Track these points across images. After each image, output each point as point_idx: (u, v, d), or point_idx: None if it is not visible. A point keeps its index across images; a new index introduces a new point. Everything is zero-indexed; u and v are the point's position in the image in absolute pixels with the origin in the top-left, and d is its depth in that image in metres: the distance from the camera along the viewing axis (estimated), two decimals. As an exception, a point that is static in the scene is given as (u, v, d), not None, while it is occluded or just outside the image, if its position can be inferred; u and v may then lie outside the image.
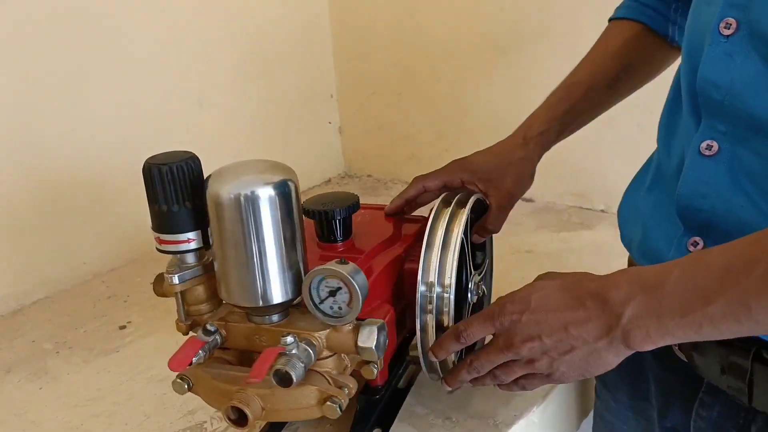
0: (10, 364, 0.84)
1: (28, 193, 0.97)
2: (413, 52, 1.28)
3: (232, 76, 1.22)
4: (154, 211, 0.53)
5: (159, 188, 0.52)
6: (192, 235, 0.54)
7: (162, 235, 0.54)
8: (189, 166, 0.52)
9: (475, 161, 0.72)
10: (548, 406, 0.70)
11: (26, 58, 0.94)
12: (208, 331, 0.55)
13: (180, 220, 0.53)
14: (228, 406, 0.53)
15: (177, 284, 0.54)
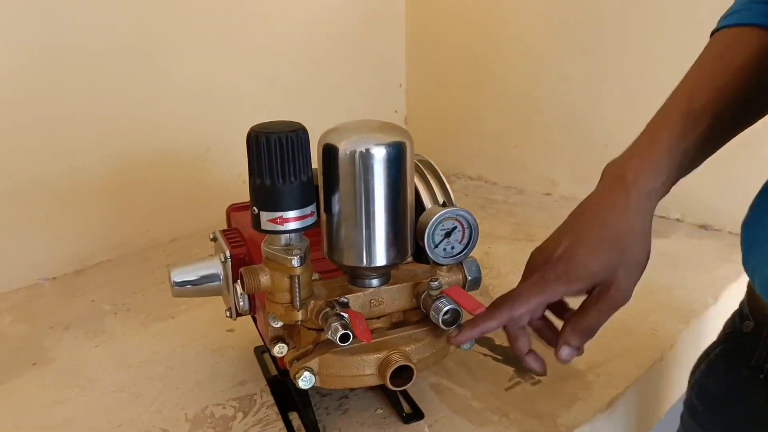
0: (68, 321, 0.85)
1: (101, 160, 0.98)
2: (487, 42, 1.25)
3: (304, 57, 1.21)
4: (275, 187, 0.48)
5: (298, 159, 0.47)
6: (314, 207, 0.51)
7: (285, 212, 0.48)
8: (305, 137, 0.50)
9: (582, 261, 0.53)
10: (612, 414, 0.66)
11: (110, 32, 0.95)
12: (344, 303, 0.53)
13: (306, 192, 0.49)
14: (391, 370, 0.51)
15: (298, 267, 0.49)
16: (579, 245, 0.54)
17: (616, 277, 0.53)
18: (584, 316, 0.55)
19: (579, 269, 0.53)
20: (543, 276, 0.55)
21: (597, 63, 1.12)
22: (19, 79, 0.88)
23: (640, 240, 0.54)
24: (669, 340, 0.76)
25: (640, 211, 0.53)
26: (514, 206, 1.20)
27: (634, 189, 0.53)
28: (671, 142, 0.53)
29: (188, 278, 0.64)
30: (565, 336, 0.56)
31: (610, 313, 0.55)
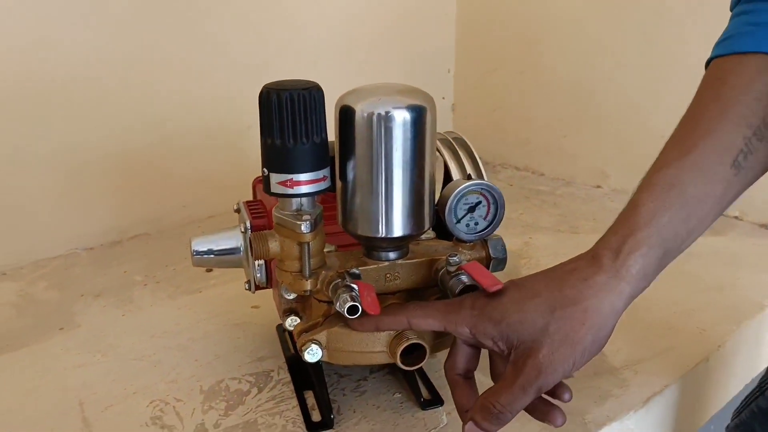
0: (100, 289, 0.85)
1: (143, 134, 0.99)
2: (540, 27, 1.20)
3: (350, 39, 1.19)
4: (285, 147, 0.45)
5: (311, 119, 0.45)
6: (327, 172, 0.48)
7: (296, 175, 0.46)
8: (319, 96, 0.47)
9: (503, 306, 0.46)
10: (648, 413, 0.62)
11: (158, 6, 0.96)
12: (355, 275, 0.50)
13: (319, 155, 0.47)
14: (403, 347, 0.48)
15: (308, 233, 0.47)
16: (514, 289, 0.46)
17: (538, 346, 0.43)
18: (496, 391, 0.45)
19: (495, 310, 0.45)
20: (461, 301, 0.48)
21: (656, 49, 1.06)
22: (64, 49, 0.90)
23: (587, 317, 0.43)
24: (717, 341, 0.70)
25: (601, 285, 0.44)
26: (561, 198, 1.15)
27: (603, 261, 0.44)
28: (652, 206, 0.44)
29: (208, 248, 0.63)
30: (474, 411, 0.45)
31: (525, 392, 0.44)
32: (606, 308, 0.44)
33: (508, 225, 1.04)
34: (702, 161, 0.45)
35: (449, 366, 0.50)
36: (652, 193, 0.45)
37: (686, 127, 0.47)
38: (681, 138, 0.47)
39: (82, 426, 0.59)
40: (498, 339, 0.45)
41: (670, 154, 0.46)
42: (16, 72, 0.87)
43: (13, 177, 0.90)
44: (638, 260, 0.44)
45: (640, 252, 0.44)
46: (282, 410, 0.61)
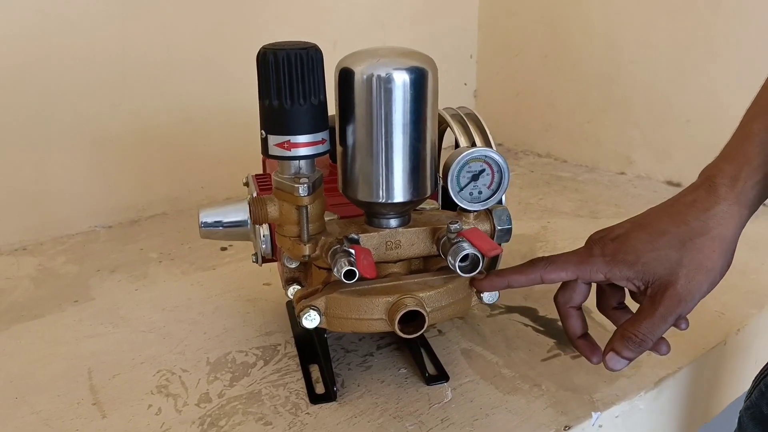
0: (116, 265, 0.86)
1: (163, 115, 1.00)
2: (564, 9, 1.17)
3: (371, 22, 1.19)
4: (283, 108, 0.45)
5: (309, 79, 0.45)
6: (326, 135, 0.48)
7: (293, 137, 0.46)
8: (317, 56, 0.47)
9: (635, 246, 0.48)
10: (660, 394, 0.60)
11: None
12: (354, 240, 0.49)
13: (318, 116, 0.46)
14: (401, 314, 0.48)
15: (306, 197, 0.47)
16: (639, 230, 0.49)
17: (675, 278, 0.46)
18: (636, 322, 0.48)
19: (629, 253, 0.48)
20: (589, 250, 0.50)
21: (683, 29, 1.03)
22: (83, 30, 0.91)
23: (714, 245, 0.46)
24: (736, 324, 0.68)
25: (722, 214, 0.46)
26: (583, 184, 1.13)
27: (720, 190, 0.47)
28: (765, 138, 0.46)
29: (216, 219, 0.63)
30: (613, 342, 0.49)
31: (666, 321, 0.47)
32: (731, 233, 0.46)
33: (527, 209, 1.03)
34: None
35: (564, 299, 0.53)
36: (765, 123, 0.46)
37: None
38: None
39: (89, 392, 0.60)
40: (634, 278, 0.48)
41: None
42: (40, 51, 0.88)
43: (36, 157, 0.91)
44: (755, 187, 0.46)
45: (756, 179, 0.46)
46: (287, 382, 0.61)
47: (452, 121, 0.62)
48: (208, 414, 0.56)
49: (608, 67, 1.13)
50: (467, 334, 0.68)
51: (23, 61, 0.87)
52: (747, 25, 0.96)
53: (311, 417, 0.55)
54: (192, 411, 0.57)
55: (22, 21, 0.86)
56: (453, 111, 0.66)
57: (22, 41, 0.87)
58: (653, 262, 0.47)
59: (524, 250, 0.88)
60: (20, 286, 0.81)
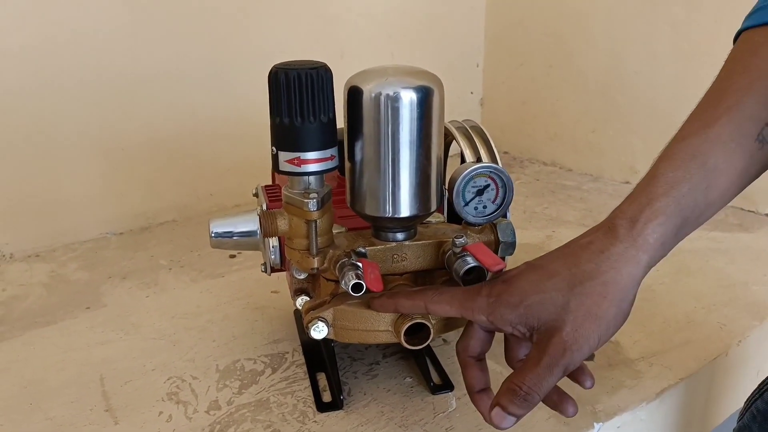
0: (127, 272, 0.88)
1: (173, 124, 1.02)
2: (570, 19, 1.18)
3: (377, 31, 1.20)
4: (293, 126, 0.46)
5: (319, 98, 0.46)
6: (335, 151, 0.49)
7: (303, 153, 0.47)
8: (327, 76, 0.48)
9: (521, 288, 0.45)
10: (661, 405, 0.61)
11: None
12: (361, 253, 0.50)
13: (327, 133, 0.47)
14: (406, 326, 0.49)
15: (315, 211, 0.48)
16: (530, 271, 0.46)
17: (560, 324, 0.42)
18: (521, 372, 0.43)
19: (515, 294, 0.44)
20: (478, 288, 0.47)
21: (686, 41, 1.04)
22: (95, 41, 0.92)
23: (608, 290, 0.42)
24: (738, 336, 0.69)
25: (618, 257, 0.42)
26: (587, 193, 1.14)
27: (618, 232, 0.43)
28: (671, 176, 0.43)
29: (226, 230, 0.64)
30: (499, 395, 0.44)
31: (552, 372, 0.42)
32: (625, 279, 0.42)
33: (532, 218, 1.04)
34: (725, 133, 0.43)
35: (462, 348, 0.50)
36: (672, 163, 0.43)
37: (711, 99, 0.46)
38: (705, 110, 0.45)
39: (101, 399, 0.61)
40: (517, 323, 0.44)
41: (693, 125, 0.45)
42: (52, 62, 0.90)
43: (49, 166, 0.93)
44: (656, 229, 0.42)
45: (658, 221, 0.42)
46: (294, 390, 0.62)
47: (458, 134, 0.63)
48: (217, 421, 0.58)
49: (612, 77, 1.14)
50: (472, 344, 0.69)
51: (37, 73, 0.89)
52: (751, 37, 0.97)
53: (318, 425, 0.57)
54: (202, 418, 0.58)
55: (36, 33, 0.88)
56: (458, 124, 0.67)
57: (37, 53, 0.88)
58: (537, 305, 0.43)
59: (529, 259, 0.89)
60: (33, 292, 0.83)
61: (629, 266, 0.42)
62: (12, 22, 0.86)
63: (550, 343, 0.42)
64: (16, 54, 0.87)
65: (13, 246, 0.93)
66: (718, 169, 0.43)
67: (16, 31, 0.87)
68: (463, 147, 0.61)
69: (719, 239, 0.93)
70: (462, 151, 0.63)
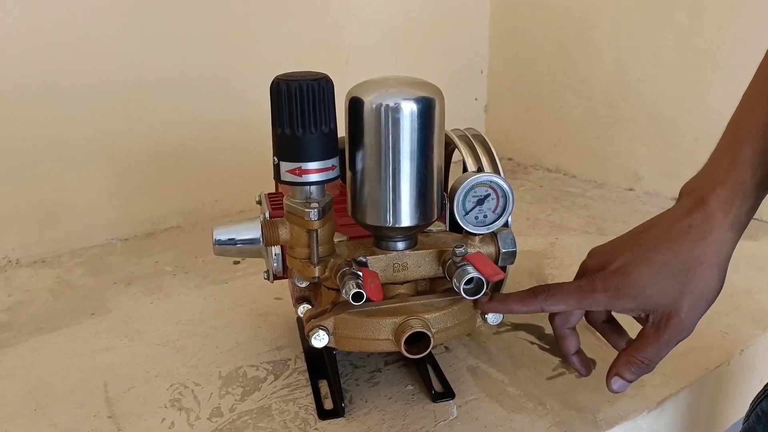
0: (132, 277, 0.89)
1: (178, 130, 1.02)
2: (575, 27, 1.19)
3: (382, 38, 1.21)
4: (295, 136, 0.47)
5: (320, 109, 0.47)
6: (336, 161, 0.50)
7: (304, 163, 0.48)
8: (328, 87, 0.49)
9: (638, 281, 0.49)
10: (662, 414, 0.61)
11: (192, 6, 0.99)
12: (362, 263, 0.51)
13: (328, 144, 0.48)
14: (407, 335, 0.50)
15: (316, 221, 0.48)
16: (640, 263, 0.49)
17: (678, 308, 0.48)
18: (641, 348, 0.51)
19: (632, 288, 0.49)
20: (591, 282, 0.51)
21: (691, 48, 1.04)
22: (101, 46, 0.93)
23: (713, 273, 0.48)
24: (740, 344, 0.69)
25: (718, 241, 0.47)
26: (591, 200, 1.14)
27: (717, 216, 0.47)
28: (755, 162, 0.47)
29: (229, 237, 0.64)
30: (618, 366, 0.52)
31: (669, 347, 0.50)
32: (725, 258, 0.48)
33: (536, 225, 1.04)
34: None
35: (561, 321, 0.55)
36: (754, 147, 0.47)
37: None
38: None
39: (105, 405, 0.62)
40: (636, 309, 0.50)
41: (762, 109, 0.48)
42: (58, 67, 0.91)
43: (56, 172, 0.94)
44: (748, 213, 0.48)
45: (749, 206, 0.47)
46: (296, 397, 0.62)
47: (460, 143, 0.63)
48: (219, 428, 0.58)
49: (616, 84, 1.14)
50: (474, 351, 0.69)
51: (44, 78, 0.90)
52: (754, 44, 0.96)
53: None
54: (204, 425, 0.58)
55: (43, 39, 0.89)
56: (460, 132, 0.68)
57: (43, 59, 0.89)
58: (656, 294, 0.48)
59: (531, 267, 0.89)
60: (39, 298, 0.84)
61: (728, 246, 0.48)
62: (19, 28, 0.87)
63: (669, 324, 0.49)
64: (23, 59, 0.88)
65: (20, 251, 0.94)
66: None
67: (22, 36, 0.87)
68: (465, 156, 0.61)
69: (723, 247, 0.93)
70: (464, 160, 0.63)
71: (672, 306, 0.48)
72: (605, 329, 0.58)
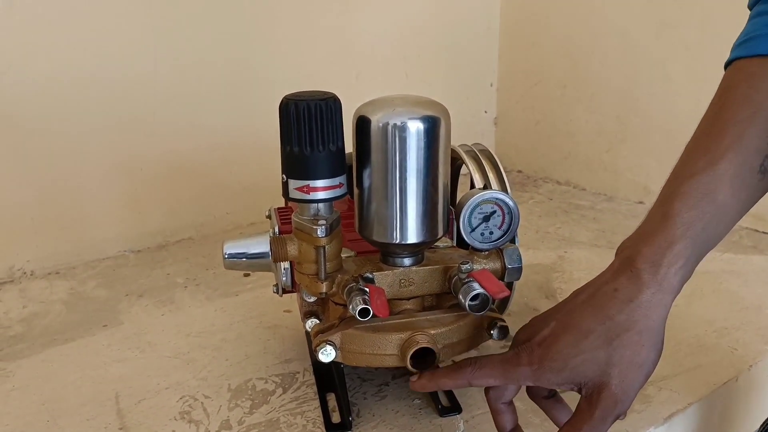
0: (144, 289, 0.90)
1: (191, 144, 1.04)
2: (585, 41, 1.19)
3: (392, 53, 1.22)
4: (303, 155, 0.47)
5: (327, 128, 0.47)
6: (343, 179, 0.51)
7: (312, 181, 0.48)
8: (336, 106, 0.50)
9: (562, 352, 0.46)
10: (670, 430, 0.61)
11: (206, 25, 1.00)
12: (369, 279, 0.52)
13: (336, 162, 0.49)
14: (413, 350, 0.50)
15: (323, 237, 0.49)
16: (564, 332, 0.46)
17: (607, 379, 0.44)
18: (575, 426, 0.46)
19: (555, 360, 0.46)
20: (516, 356, 0.48)
21: (700, 63, 1.04)
22: (116, 62, 0.95)
23: (644, 338, 0.44)
24: (749, 360, 0.69)
25: (647, 304, 0.44)
26: (601, 213, 1.14)
27: (643, 277, 0.44)
28: (687, 217, 0.44)
29: (239, 251, 0.65)
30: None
31: (605, 422, 0.46)
32: (657, 323, 0.45)
33: (545, 239, 1.05)
34: (731, 169, 0.45)
35: (495, 396, 0.52)
36: (686, 202, 0.45)
37: (713, 132, 0.47)
38: (708, 143, 0.46)
39: (116, 417, 0.63)
40: (563, 383, 0.46)
41: (699, 161, 0.46)
42: (73, 83, 0.92)
43: (71, 185, 0.96)
44: (678, 272, 0.44)
45: (679, 264, 0.44)
46: (304, 411, 0.63)
47: (467, 158, 0.64)
48: (228, 441, 0.59)
49: (626, 98, 1.15)
50: (481, 366, 0.69)
51: (59, 93, 0.92)
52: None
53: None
54: (213, 438, 0.59)
55: (59, 55, 0.91)
56: (468, 147, 0.68)
57: (59, 74, 0.91)
58: (581, 365, 0.45)
59: (541, 280, 0.89)
60: (53, 310, 0.85)
61: (658, 310, 0.45)
62: (35, 46, 0.89)
63: (600, 397, 0.45)
64: (40, 77, 0.90)
65: (34, 263, 0.95)
66: (727, 204, 0.45)
67: (39, 54, 0.89)
68: (472, 171, 0.62)
69: (733, 261, 0.93)
70: (471, 176, 0.64)
71: (601, 377, 0.44)
72: (547, 406, 0.54)
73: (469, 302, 0.49)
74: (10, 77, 0.88)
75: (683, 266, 0.44)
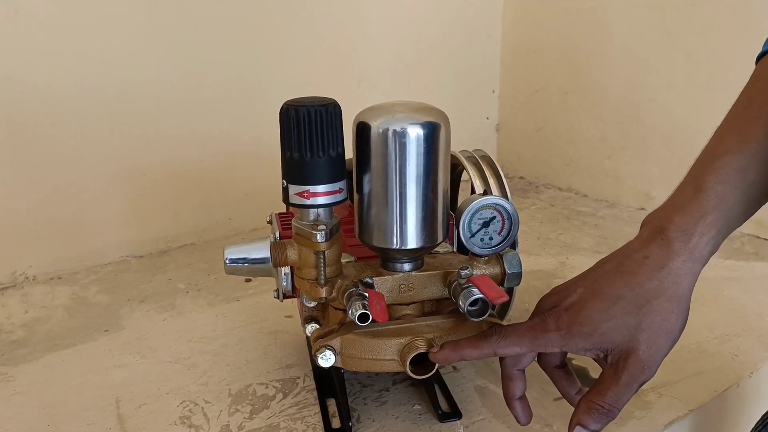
0: (145, 295, 0.90)
1: (194, 150, 1.04)
2: (587, 48, 1.20)
3: (394, 59, 1.22)
4: (303, 160, 0.48)
5: (328, 134, 0.48)
6: (343, 185, 0.51)
7: (312, 187, 0.49)
8: (336, 112, 0.50)
9: (591, 317, 0.46)
10: (670, 437, 0.61)
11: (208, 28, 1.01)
12: (368, 284, 0.52)
13: (336, 168, 0.49)
14: (412, 356, 0.50)
15: (323, 243, 0.49)
16: (593, 297, 0.46)
17: (635, 344, 0.45)
18: (601, 392, 0.46)
19: (585, 325, 0.46)
20: (543, 322, 0.48)
21: (702, 70, 1.04)
22: (118, 67, 0.96)
23: (673, 305, 0.45)
24: (750, 367, 0.68)
25: (678, 271, 0.45)
26: (603, 219, 1.14)
27: (674, 245, 0.45)
28: (719, 191, 0.45)
29: (240, 256, 0.66)
30: (579, 415, 0.47)
31: (631, 389, 0.46)
32: (686, 290, 0.45)
33: (546, 245, 1.05)
34: (762, 149, 0.46)
35: (511, 361, 0.52)
36: (718, 177, 0.46)
37: (746, 114, 0.48)
38: (741, 125, 0.48)
39: (117, 422, 0.63)
40: (592, 349, 0.46)
41: (732, 141, 0.47)
42: (76, 89, 0.93)
43: (74, 190, 0.96)
44: (710, 242, 0.45)
45: (711, 234, 0.45)
46: (304, 416, 0.63)
47: (468, 164, 0.64)
48: (228, 446, 0.59)
49: (628, 105, 1.15)
50: (481, 371, 0.69)
51: (62, 100, 0.92)
52: (765, 66, 0.97)
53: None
54: (213, 443, 0.59)
55: (62, 62, 0.91)
56: (468, 153, 0.69)
57: (63, 81, 0.92)
58: (611, 331, 0.45)
59: (542, 286, 0.89)
60: (55, 315, 0.85)
61: (688, 278, 0.45)
62: (38, 53, 0.90)
63: (627, 363, 0.45)
64: (42, 83, 0.91)
65: (37, 268, 0.96)
66: (757, 182, 0.46)
67: (44, 62, 0.90)
68: (472, 177, 0.62)
69: (734, 268, 0.93)
70: (471, 182, 0.64)
71: (629, 343, 0.45)
72: (557, 375, 0.54)
73: (469, 307, 0.49)
74: (14, 84, 0.89)
75: (714, 237, 0.45)
